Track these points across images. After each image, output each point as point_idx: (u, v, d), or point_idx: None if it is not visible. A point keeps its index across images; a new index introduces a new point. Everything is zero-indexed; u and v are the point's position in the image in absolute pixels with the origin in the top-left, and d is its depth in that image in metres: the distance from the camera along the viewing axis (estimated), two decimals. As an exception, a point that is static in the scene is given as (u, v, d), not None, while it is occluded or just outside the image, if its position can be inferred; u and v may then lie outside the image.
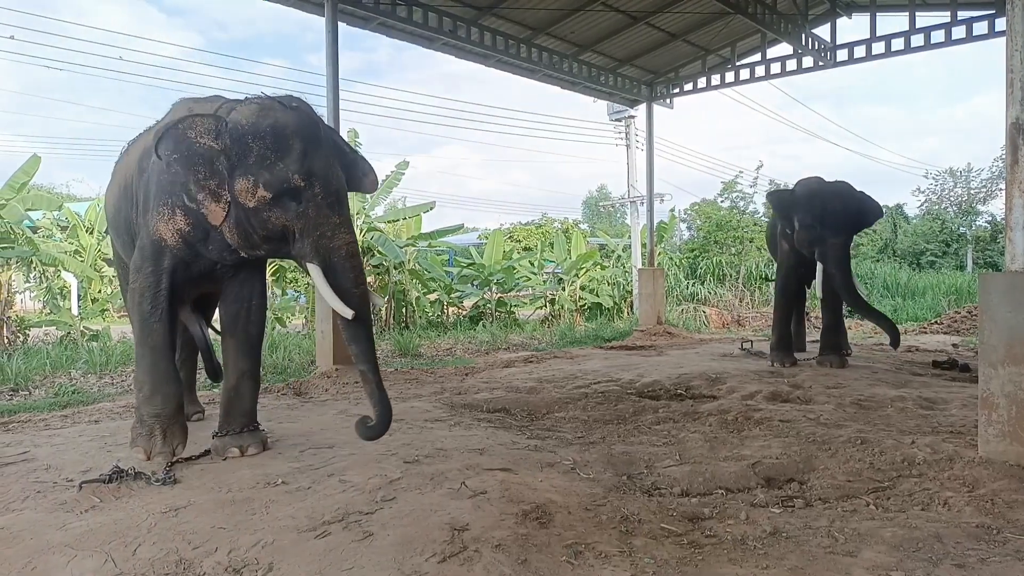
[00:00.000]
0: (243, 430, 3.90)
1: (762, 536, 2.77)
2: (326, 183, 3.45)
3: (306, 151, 3.41)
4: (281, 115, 3.45)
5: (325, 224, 3.44)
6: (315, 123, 3.57)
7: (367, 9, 8.00)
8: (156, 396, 3.72)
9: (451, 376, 7.19)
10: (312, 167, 3.41)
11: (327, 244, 3.44)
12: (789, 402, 5.44)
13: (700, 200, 22.24)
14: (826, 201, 6.96)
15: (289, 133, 3.41)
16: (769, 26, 9.34)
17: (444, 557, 2.48)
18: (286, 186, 3.38)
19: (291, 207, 3.41)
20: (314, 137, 3.49)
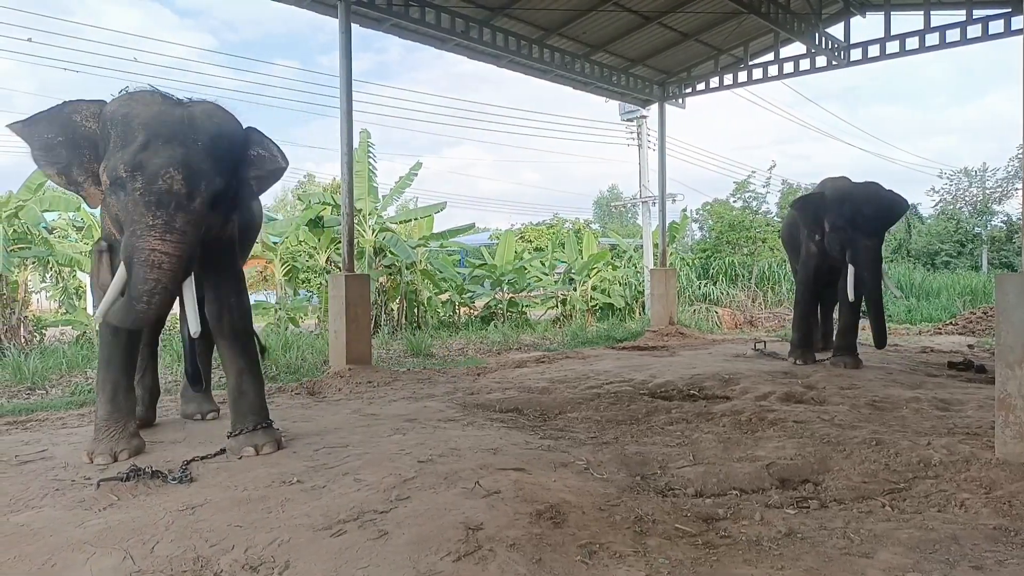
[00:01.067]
0: (256, 428, 3.92)
1: (777, 537, 2.76)
2: (151, 179, 3.26)
3: (146, 144, 3.29)
4: (139, 106, 3.40)
5: (139, 222, 3.29)
6: (173, 119, 3.40)
7: (380, 10, 8.02)
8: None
9: (463, 376, 7.20)
10: (143, 160, 3.27)
11: (133, 243, 3.30)
12: (803, 403, 5.42)
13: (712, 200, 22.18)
14: (858, 204, 6.96)
15: (137, 124, 3.34)
16: (782, 25, 9.30)
17: (459, 556, 2.49)
18: (115, 175, 3.31)
19: (121, 197, 3.34)
20: (162, 132, 3.33)
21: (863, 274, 6.92)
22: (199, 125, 3.43)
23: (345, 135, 7.46)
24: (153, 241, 3.25)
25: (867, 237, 6.88)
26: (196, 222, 3.39)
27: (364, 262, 11.42)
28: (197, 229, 3.41)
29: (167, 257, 3.27)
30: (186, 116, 3.42)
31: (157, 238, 3.25)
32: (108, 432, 3.79)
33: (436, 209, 13.23)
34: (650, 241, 14.98)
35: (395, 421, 4.76)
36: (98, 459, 3.67)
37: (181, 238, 3.31)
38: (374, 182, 12.04)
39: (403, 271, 12.00)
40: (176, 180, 3.28)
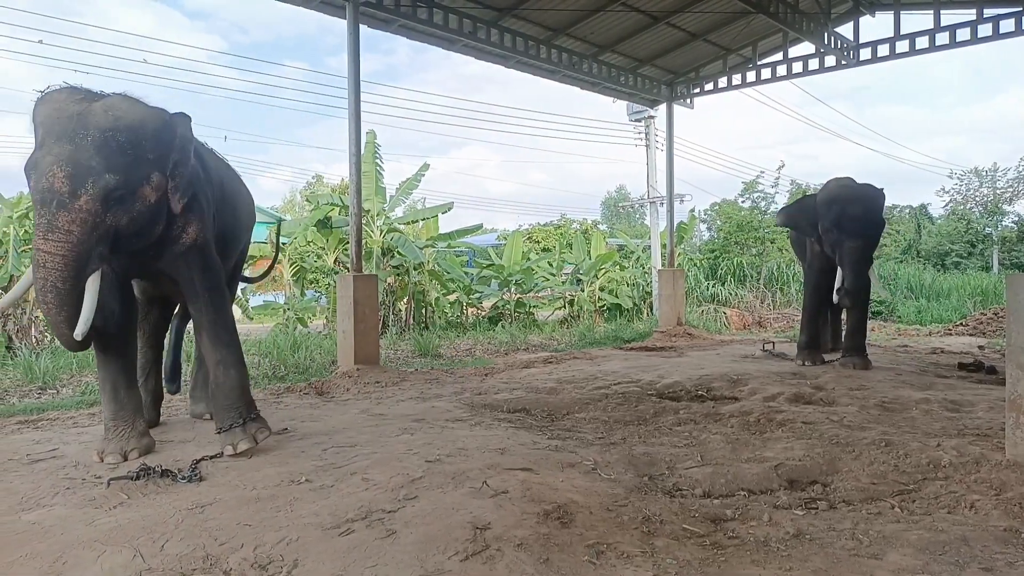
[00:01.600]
0: (232, 426, 3.87)
1: (785, 538, 2.75)
2: (37, 179, 3.23)
3: (42, 143, 3.28)
4: (42, 106, 3.38)
5: (36, 223, 3.28)
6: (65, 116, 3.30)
7: (388, 11, 8.05)
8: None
9: (471, 376, 7.21)
10: (37, 160, 3.26)
11: (33, 245, 3.29)
12: (812, 404, 5.40)
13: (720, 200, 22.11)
14: (843, 205, 7.04)
15: (38, 123, 3.34)
16: (791, 25, 9.27)
17: (467, 555, 2.49)
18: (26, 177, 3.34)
19: None
20: (54, 130, 3.27)
21: (846, 274, 7.01)
22: (91, 120, 3.30)
23: (353, 136, 7.48)
24: (38, 240, 3.22)
25: (851, 238, 6.95)
26: (83, 220, 3.23)
27: (372, 262, 11.45)
28: (86, 228, 3.24)
29: (49, 256, 3.20)
30: (81, 112, 3.31)
31: (40, 237, 3.22)
32: (117, 431, 3.79)
33: (443, 209, 13.25)
34: (658, 241, 14.95)
35: (403, 421, 4.78)
36: (108, 458, 3.68)
37: (65, 237, 3.20)
38: (382, 183, 12.07)
39: (411, 271, 12.02)
40: (57, 177, 3.19)
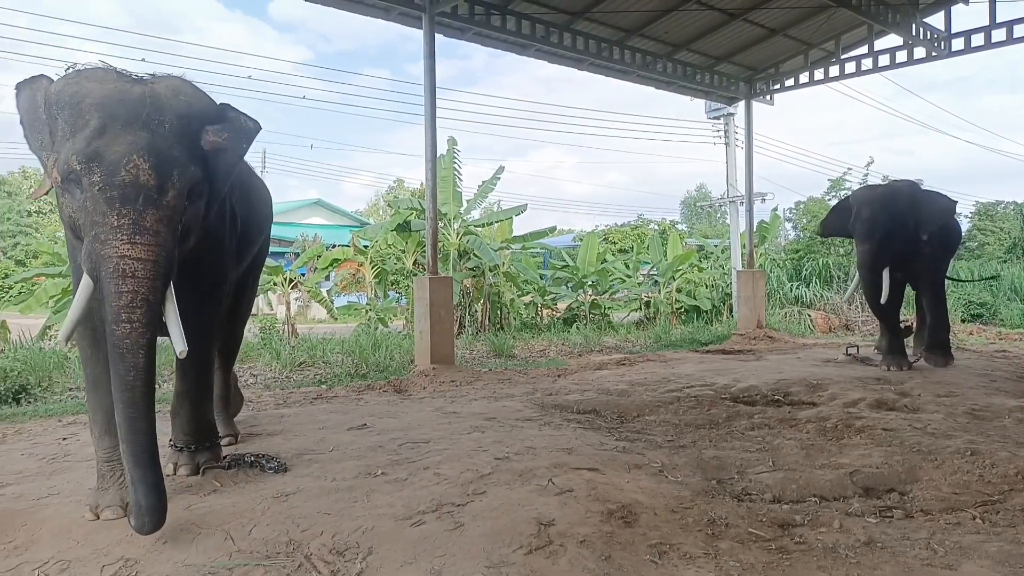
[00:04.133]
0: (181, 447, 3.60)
1: (855, 545, 2.71)
2: (111, 170, 2.65)
3: (102, 128, 2.70)
4: (87, 83, 2.79)
5: (101, 224, 2.67)
6: (133, 98, 2.79)
7: (463, 20, 8.25)
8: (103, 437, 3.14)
9: (543, 377, 7.30)
10: (99, 148, 2.67)
11: (98, 251, 2.67)
12: (895, 410, 5.21)
13: (806, 198, 21.40)
14: (859, 207, 7.10)
15: (87, 105, 2.73)
16: (876, 18, 8.92)
17: (531, 550, 2.58)
18: (66, 168, 2.72)
19: (76, 194, 2.75)
20: (120, 114, 2.73)
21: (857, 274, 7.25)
22: (164, 104, 2.84)
23: (429, 141, 7.70)
24: (121, 246, 2.65)
25: (860, 241, 7.08)
26: (171, 220, 2.78)
27: (449, 264, 11.71)
28: (172, 229, 2.80)
29: (140, 264, 2.67)
30: (150, 94, 2.83)
31: (125, 241, 2.65)
32: (115, 476, 3.07)
33: (517, 212, 13.40)
34: (738, 242, 14.61)
35: (475, 419, 4.91)
36: (106, 513, 2.98)
37: (154, 239, 2.71)
38: (459, 187, 12.32)
39: (486, 273, 12.22)
40: (142, 169, 2.69)
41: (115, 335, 2.65)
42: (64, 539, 2.81)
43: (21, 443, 4.60)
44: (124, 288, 2.65)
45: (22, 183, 40.83)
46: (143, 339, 2.68)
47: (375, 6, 7.72)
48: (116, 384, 2.67)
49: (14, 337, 9.39)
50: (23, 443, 4.59)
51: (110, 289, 2.65)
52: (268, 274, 12.06)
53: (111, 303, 2.65)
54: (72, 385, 6.92)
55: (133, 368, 2.65)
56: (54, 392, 6.71)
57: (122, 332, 2.65)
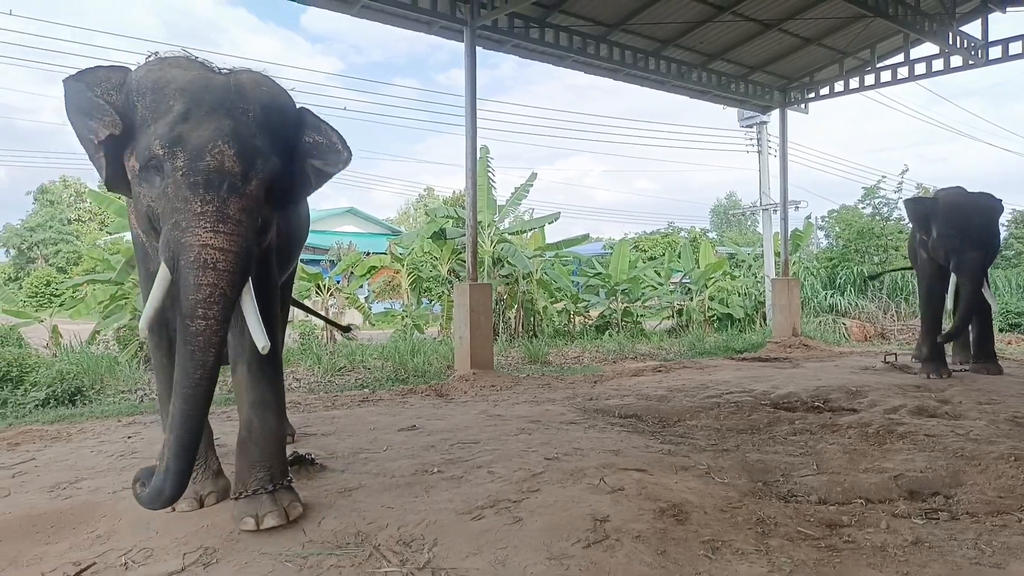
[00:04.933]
0: (258, 491, 2.99)
1: (903, 544, 2.78)
2: (195, 156, 2.56)
3: (186, 114, 2.61)
4: (170, 70, 2.72)
5: (182, 210, 2.56)
6: (218, 85, 2.72)
7: (502, 33, 8.44)
8: None
9: (581, 383, 7.41)
10: (183, 133, 2.58)
11: (177, 238, 2.56)
12: (936, 417, 5.23)
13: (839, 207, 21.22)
14: (968, 213, 6.87)
15: (171, 91, 2.65)
16: (912, 26, 8.92)
17: (588, 543, 2.70)
18: (148, 155, 2.62)
19: (155, 183, 2.65)
20: (205, 100, 2.65)
21: (963, 283, 6.80)
22: (248, 93, 2.76)
23: (469, 152, 7.88)
24: (203, 234, 2.53)
25: (973, 248, 6.76)
26: (252, 211, 2.69)
27: (483, 272, 11.88)
28: (253, 220, 2.71)
29: (222, 254, 2.55)
30: (235, 83, 2.77)
31: (208, 229, 2.54)
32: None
33: (550, 220, 13.55)
34: (771, 250, 14.58)
35: (520, 422, 5.04)
36: (182, 505, 3.07)
37: (237, 229, 2.60)
38: (492, 195, 12.51)
39: (519, 281, 12.37)
40: (227, 155, 2.59)
41: (188, 330, 2.53)
42: (143, 529, 2.99)
43: (87, 441, 4.83)
44: (204, 280, 2.52)
45: (62, 192, 42.02)
46: (216, 337, 2.56)
47: (418, 21, 7.95)
48: (180, 377, 2.55)
49: (65, 342, 9.76)
50: (89, 441, 4.83)
51: (189, 280, 2.52)
52: (306, 280, 12.33)
53: (188, 295, 2.52)
54: (124, 388, 7.19)
55: (201, 366, 2.54)
56: (107, 394, 6.97)
57: (196, 328, 2.52)
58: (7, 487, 3.61)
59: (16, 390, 6.36)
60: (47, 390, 6.39)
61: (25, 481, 3.73)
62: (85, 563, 2.65)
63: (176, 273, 2.58)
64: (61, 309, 11.66)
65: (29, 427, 5.33)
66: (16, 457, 4.31)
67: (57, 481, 3.68)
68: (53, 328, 10.25)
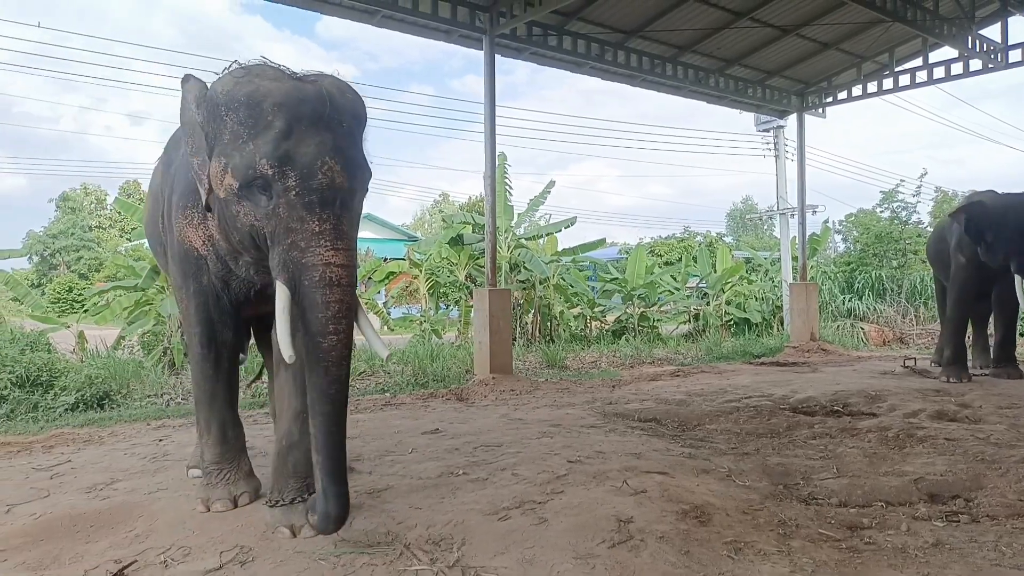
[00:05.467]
0: (296, 499, 3.01)
1: (924, 546, 2.82)
2: (306, 174, 2.54)
3: (289, 130, 2.56)
4: (263, 82, 2.65)
5: (299, 231, 2.55)
6: (313, 97, 2.64)
7: (520, 41, 8.53)
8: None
9: (599, 387, 7.46)
10: (292, 151, 2.55)
11: (297, 259, 2.56)
12: (956, 421, 5.24)
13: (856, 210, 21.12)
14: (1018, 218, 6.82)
15: (268, 106, 2.58)
16: (930, 31, 8.92)
17: (613, 544, 2.77)
18: (251, 173, 2.58)
19: (261, 202, 2.61)
20: (305, 114, 2.59)
21: None
22: (338, 103, 2.70)
23: (489, 159, 7.98)
24: (324, 253, 2.54)
25: None
26: (357, 223, 2.75)
27: (501, 277, 11.95)
28: (357, 232, 2.77)
29: (344, 270, 2.57)
30: (329, 94, 2.69)
31: (328, 248, 2.55)
32: (222, 475, 3.29)
33: (566, 224, 13.60)
34: (788, 254, 14.55)
35: (541, 426, 5.11)
36: (216, 506, 3.21)
37: (351, 244, 2.64)
38: (509, 201, 12.60)
39: (536, 286, 12.43)
40: (336, 172, 2.59)
41: (321, 348, 2.53)
42: (180, 529, 3.08)
43: (119, 444, 4.96)
44: (332, 298, 2.53)
45: (83, 199, 42.67)
46: (347, 351, 2.59)
47: (437, 30, 8.06)
48: (317, 397, 2.56)
49: (91, 347, 9.94)
50: (121, 444, 4.96)
51: (316, 299, 2.53)
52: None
53: (317, 314, 2.53)
54: (150, 392, 7.33)
55: (337, 380, 2.56)
56: (133, 399, 7.10)
57: (329, 344, 2.53)
58: (46, 488, 3.73)
59: (46, 394, 6.50)
60: (76, 394, 6.53)
61: (63, 482, 3.85)
62: (126, 561, 2.74)
63: (298, 294, 2.58)
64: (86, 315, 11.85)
65: (61, 430, 5.47)
66: (52, 459, 4.44)
67: (94, 482, 3.80)
68: (79, 334, 10.44)
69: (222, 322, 3.08)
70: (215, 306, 3.13)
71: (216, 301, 3.12)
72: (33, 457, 4.55)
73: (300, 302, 2.58)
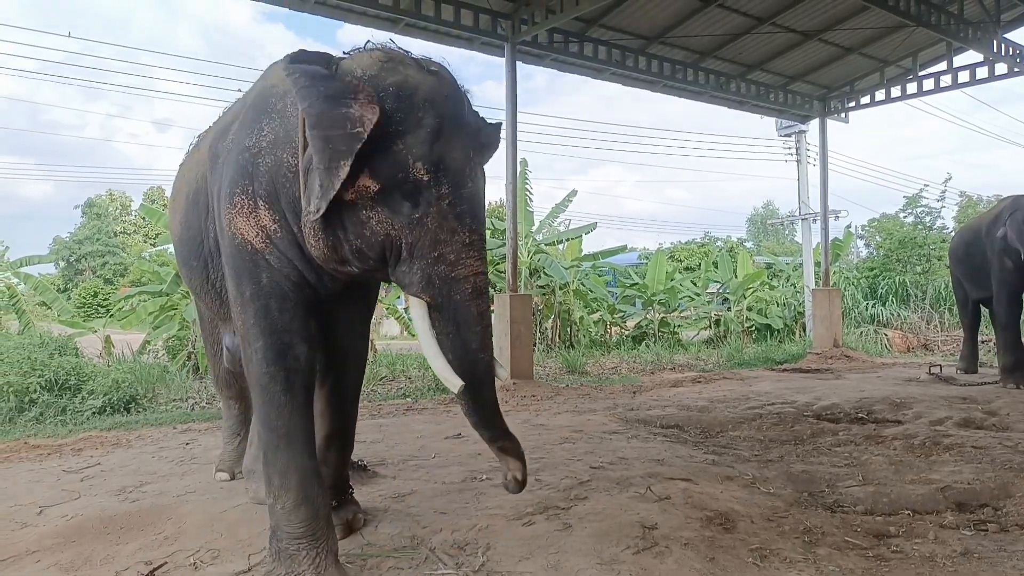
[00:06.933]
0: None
1: (952, 555, 2.80)
2: (459, 181, 2.30)
3: (440, 131, 2.27)
4: (407, 72, 2.34)
5: (449, 242, 2.28)
6: (460, 94, 2.43)
7: (541, 48, 8.58)
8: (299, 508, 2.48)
9: (621, 393, 7.45)
10: (445, 155, 2.27)
11: (447, 273, 2.29)
12: (983, 429, 5.17)
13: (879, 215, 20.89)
14: None
15: (419, 101, 2.28)
16: (955, 35, 8.83)
17: (638, 550, 2.77)
18: (402, 177, 2.24)
19: (403, 209, 2.27)
20: (450, 113, 2.33)
21: None
22: (461, 98, 2.44)
23: (510, 165, 8.01)
24: (475, 263, 2.32)
25: None
26: None
27: (521, 282, 11.97)
28: None
29: (486, 281, 2.39)
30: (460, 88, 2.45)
31: (477, 258, 2.33)
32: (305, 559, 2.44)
33: (587, 230, 13.62)
34: (810, 259, 14.44)
35: (563, 431, 5.12)
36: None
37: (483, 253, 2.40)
38: (529, 206, 12.64)
39: (556, 291, 12.44)
40: (480, 178, 2.42)
41: (482, 362, 2.37)
42: (208, 531, 3.13)
43: (147, 447, 5.04)
44: (482, 308, 2.37)
45: (109, 205, 43.38)
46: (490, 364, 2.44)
47: (459, 37, 8.13)
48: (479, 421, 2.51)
49: (117, 351, 10.11)
50: (149, 447, 5.04)
51: (471, 313, 2.32)
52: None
53: (472, 328, 2.32)
54: (175, 396, 7.44)
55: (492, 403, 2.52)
56: (159, 402, 7.22)
57: (487, 358, 2.39)
58: (77, 490, 3.81)
59: (74, 398, 6.62)
60: (103, 398, 6.64)
61: (93, 485, 3.92)
62: (156, 563, 2.79)
63: (447, 310, 2.32)
64: (113, 319, 12.04)
65: (89, 433, 5.57)
66: (82, 462, 4.52)
67: (123, 485, 3.87)
68: (106, 338, 10.62)
69: (293, 331, 2.52)
70: (281, 312, 2.52)
71: (282, 305, 2.52)
72: (63, 459, 4.64)
73: (451, 318, 2.32)
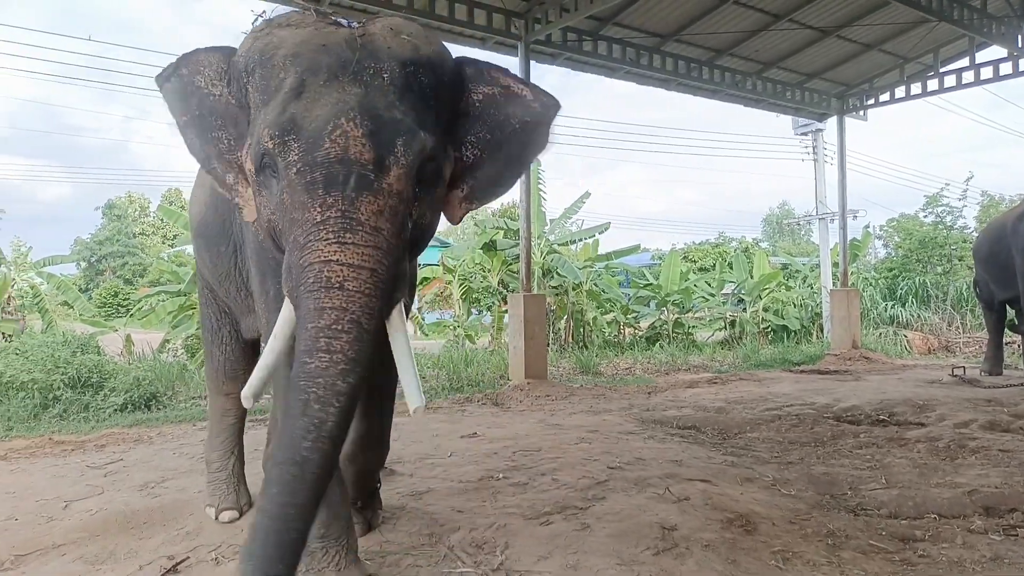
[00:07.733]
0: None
1: (981, 560, 2.74)
2: (311, 143, 1.83)
3: (299, 88, 1.91)
4: (278, 31, 2.02)
5: (300, 221, 1.84)
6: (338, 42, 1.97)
7: (555, 46, 8.54)
8: None
9: (635, 394, 7.41)
10: (295, 115, 1.86)
11: (295, 260, 1.84)
12: (1010, 432, 5.08)
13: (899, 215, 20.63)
14: None
15: (279, 59, 1.96)
16: (978, 30, 8.69)
17: (658, 551, 2.74)
18: (258, 150, 1.93)
19: (273, 188, 1.95)
20: (322, 65, 1.92)
21: None
22: (382, 48, 1.98)
23: (525, 165, 7.97)
24: (326, 247, 1.78)
25: None
26: (393, 210, 1.87)
27: (534, 283, 11.94)
28: (397, 225, 1.89)
29: (352, 271, 1.77)
30: (362, 36, 2.00)
31: (332, 241, 1.78)
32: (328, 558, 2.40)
33: (600, 230, 13.57)
34: (828, 260, 14.28)
35: (578, 431, 5.09)
36: None
37: (372, 239, 1.81)
38: (542, 207, 12.61)
39: (569, 291, 12.40)
40: (353, 138, 1.83)
41: (304, 370, 1.71)
42: (229, 527, 3.16)
43: (168, 444, 5.08)
44: (326, 303, 1.75)
45: (128, 206, 43.82)
46: (343, 382, 1.70)
47: (473, 37, 8.12)
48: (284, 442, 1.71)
49: (137, 350, 10.20)
50: (169, 444, 5.07)
51: (308, 306, 1.76)
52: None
53: (306, 324, 1.76)
54: (194, 394, 7.49)
55: (315, 427, 1.67)
56: (178, 400, 7.27)
57: (315, 367, 1.70)
58: (100, 486, 3.84)
59: (96, 395, 6.68)
60: (125, 395, 6.71)
61: (116, 480, 3.96)
62: (178, 557, 2.81)
63: (293, 299, 1.86)
64: (133, 319, 12.17)
65: (111, 430, 5.63)
66: (105, 457, 4.56)
67: (145, 481, 3.90)
68: (126, 337, 10.72)
69: None
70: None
71: None
72: (87, 455, 4.69)
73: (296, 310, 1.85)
